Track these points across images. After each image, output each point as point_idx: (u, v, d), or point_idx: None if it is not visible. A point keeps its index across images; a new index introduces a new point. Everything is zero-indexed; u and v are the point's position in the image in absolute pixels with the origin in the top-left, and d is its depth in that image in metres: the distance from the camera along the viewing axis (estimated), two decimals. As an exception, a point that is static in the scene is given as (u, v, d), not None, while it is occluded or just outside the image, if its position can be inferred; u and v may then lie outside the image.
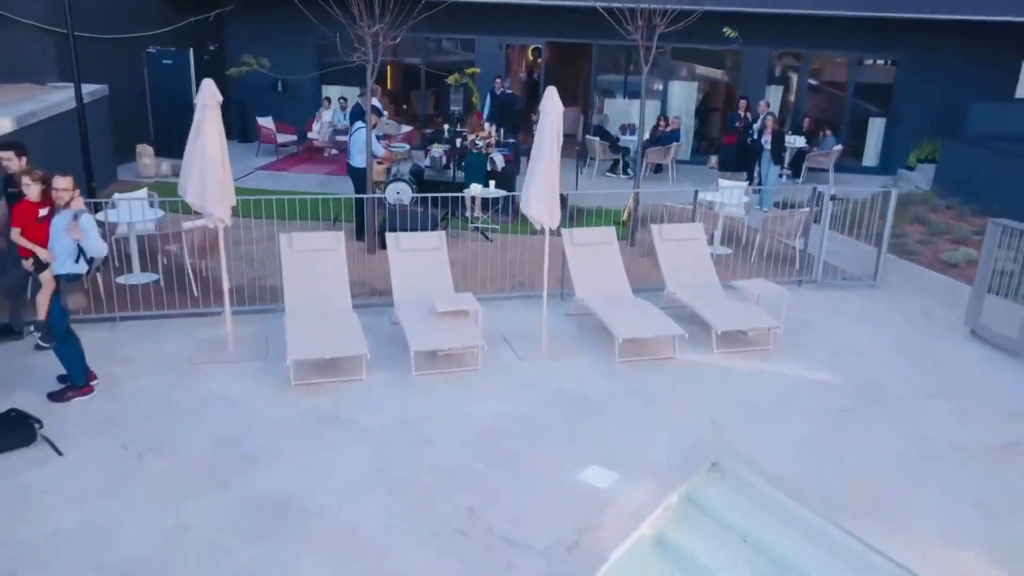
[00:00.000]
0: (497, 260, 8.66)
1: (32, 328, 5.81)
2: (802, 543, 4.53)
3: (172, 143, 13.50)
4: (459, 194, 10.03)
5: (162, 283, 7.77)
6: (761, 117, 12.89)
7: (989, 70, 14.71)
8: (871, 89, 15.68)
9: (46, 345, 5.55)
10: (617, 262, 7.54)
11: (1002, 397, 6.21)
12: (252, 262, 8.30)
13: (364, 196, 8.84)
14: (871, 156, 15.68)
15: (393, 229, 8.12)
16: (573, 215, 9.75)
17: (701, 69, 16.15)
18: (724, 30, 10.13)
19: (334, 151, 14.79)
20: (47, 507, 4.43)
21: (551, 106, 6.11)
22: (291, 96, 15.67)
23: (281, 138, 14.85)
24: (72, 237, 5.25)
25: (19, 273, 6.29)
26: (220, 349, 6.46)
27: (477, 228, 10.06)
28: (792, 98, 15.80)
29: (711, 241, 9.44)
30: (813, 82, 16.13)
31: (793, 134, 14.44)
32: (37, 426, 5.05)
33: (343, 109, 14.91)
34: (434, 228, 8.40)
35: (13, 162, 6.23)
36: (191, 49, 14.15)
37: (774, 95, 15.45)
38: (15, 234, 5.72)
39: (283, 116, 15.35)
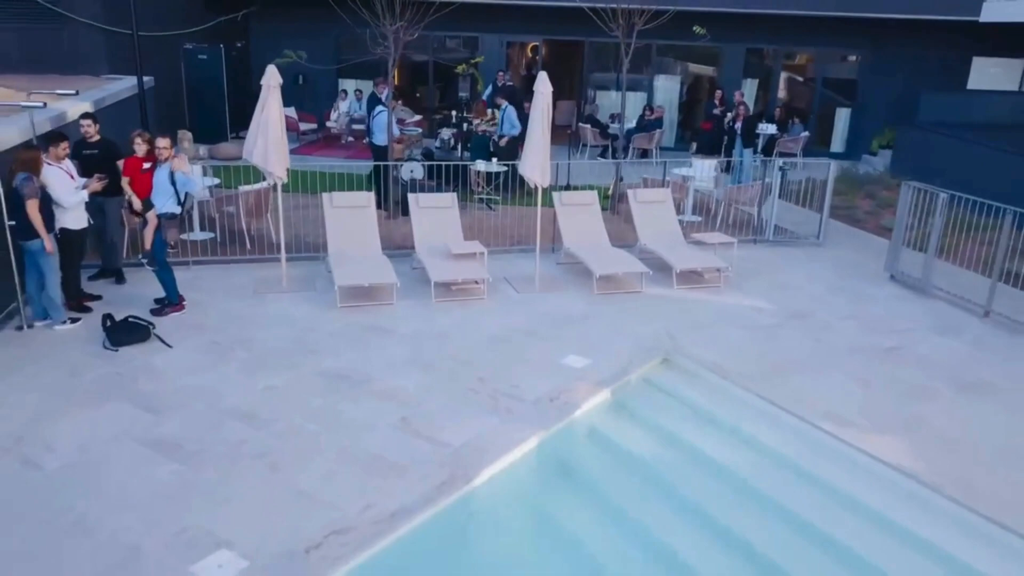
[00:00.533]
0: (498, 225, 10.29)
1: (141, 256, 7.43)
2: (733, 408, 6.21)
3: (207, 129, 15.21)
4: (468, 163, 11.64)
5: (218, 239, 9.39)
6: (735, 106, 14.55)
7: (944, 64, 16.39)
8: (838, 82, 17.36)
9: (151, 268, 7.17)
10: (598, 219, 9.20)
11: (900, 319, 7.86)
12: (294, 224, 9.92)
13: (387, 163, 10.47)
14: (838, 143, 17.34)
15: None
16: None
17: (684, 64, 17.81)
18: (694, 28, 11.77)
19: (350, 138, 16.43)
20: (169, 376, 6.08)
21: (543, 87, 7.73)
22: (311, 88, 17.31)
23: (303, 126, 16.50)
24: (181, 170, 6.89)
25: (100, 223, 7.84)
26: (277, 284, 8.10)
27: (481, 199, 11.70)
28: (766, 90, 17.45)
29: (683, 210, 11.10)
30: (795, 76, 17.78)
31: (766, 122, 16.07)
32: (151, 327, 6.69)
33: (359, 100, 16.56)
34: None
35: (91, 127, 7.82)
36: (221, 45, 15.81)
37: (750, 88, 17.12)
38: (125, 183, 7.37)
39: (304, 107, 17.00)
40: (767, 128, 15.84)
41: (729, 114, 14.55)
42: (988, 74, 16.41)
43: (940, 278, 8.64)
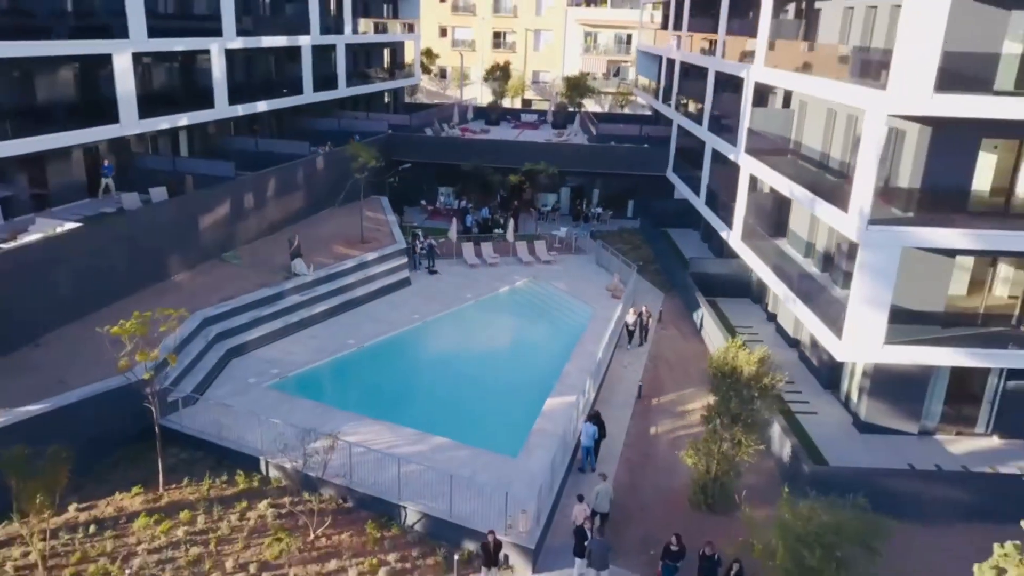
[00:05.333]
0: (501, 248, 40.56)
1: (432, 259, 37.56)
2: (545, 289, 37.84)
3: (398, 212, 45.68)
4: (495, 232, 42.25)
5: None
6: (585, 206, 45.20)
7: (665, 186, 46.94)
8: (626, 188, 48.03)
9: (435, 256, 37.26)
10: (525, 247, 39.74)
11: (583, 269, 38.37)
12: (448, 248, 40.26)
13: (468, 236, 41.15)
14: (630, 214, 47.93)
15: (477, 242, 40.11)
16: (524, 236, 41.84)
17: (574, 182, 48.38)
18: (549, 168, 42.10)
19: (445, 212, 46.79)
20: (449, 278, 36.66)
21: (510, 225, 38.18)
22: (429, 191, 47.81)
23: (428, 208, 46.95)
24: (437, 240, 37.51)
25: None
26: (455, 264, 38.52)
27: (497, 240, 42.04)
28: (601, 192, 47.96)
29: (557, 243, 41.57)
30: (610, 187, 48.30)
31: (597, 207, 46.53)
32: (436, 271, 37.14)
33: (450, 197, 46.97)
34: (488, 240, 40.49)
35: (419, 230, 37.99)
36: (397, 178, 46.15)
37: (597, 194, 47.69)
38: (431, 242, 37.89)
39: (426, 198, 47.47)
40: (597, 210, 46.63)
41: (589, 207, 45.29)
42: (685, 190, 46.81)
43: (604, 261, 38.98)
